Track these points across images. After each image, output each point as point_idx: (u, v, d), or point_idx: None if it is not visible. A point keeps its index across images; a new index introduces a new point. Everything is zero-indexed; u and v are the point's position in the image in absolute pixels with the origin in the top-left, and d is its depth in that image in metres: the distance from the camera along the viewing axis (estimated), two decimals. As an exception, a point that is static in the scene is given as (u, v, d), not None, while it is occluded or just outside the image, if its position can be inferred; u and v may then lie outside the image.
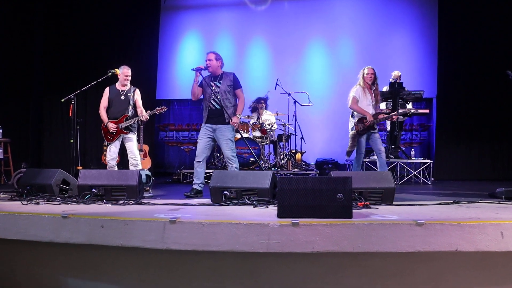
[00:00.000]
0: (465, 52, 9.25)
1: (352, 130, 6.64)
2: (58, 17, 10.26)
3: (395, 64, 9.74)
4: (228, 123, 5.57)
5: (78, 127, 5.83)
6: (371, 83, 6.60)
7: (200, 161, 5.62)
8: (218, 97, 5.56)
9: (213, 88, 5.61)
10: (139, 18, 10.23)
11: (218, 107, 5.57)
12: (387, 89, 8.63)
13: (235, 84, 5.70)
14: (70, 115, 5.64)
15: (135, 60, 6.41)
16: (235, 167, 5.55)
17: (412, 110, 7.40)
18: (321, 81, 10.59)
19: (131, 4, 10.17)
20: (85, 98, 9.79)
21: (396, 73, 8.74)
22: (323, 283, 3.40)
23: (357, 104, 6.50)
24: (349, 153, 6.74)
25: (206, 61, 5.67)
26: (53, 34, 10.22)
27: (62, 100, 5.78)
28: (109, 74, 6.08)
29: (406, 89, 8.44)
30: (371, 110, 6.51)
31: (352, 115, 6.68)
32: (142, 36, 10.25)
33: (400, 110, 6.60)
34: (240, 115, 5.72)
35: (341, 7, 10.78)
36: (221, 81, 5.65)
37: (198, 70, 5.59)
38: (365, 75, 6.60)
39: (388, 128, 8.89)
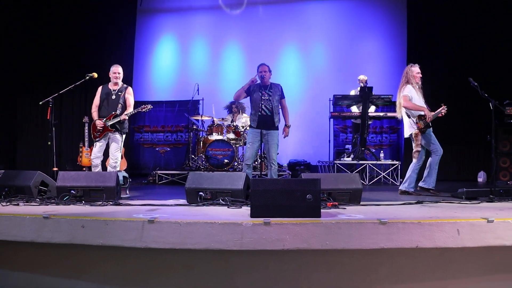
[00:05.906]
0: (433, 57, 9.53)
1: (415, 129, 6.18)
2: (33, 16, 10.22)
3: (365, 68, 10.03)
4: (277, 128, 6.31)
5: (54, 129, 5.87)
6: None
7: (249, 164, 6.29)
8: (271, 105, 6.21)
9: (265, 96, 6.22)
10: (116, 20, 10.29)
11: (269, 114, 6.21)
12: (355, 93, 8.93)
13: (282, 94, 6.43)
14: (48, 118, 5.69)
15: (110, 62, 6.46)
16: (275, 169, 6.34)
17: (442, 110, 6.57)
18: (294, 84, 10.77)
19: (108, 6, 10.20)
20: (60, 100, 9.77)
21: (362, 77, 8.99)
22: (294, 279, 3.59)
23: (411, 101, 6.14)
24: (416, 154, 6.32)
25: (260, 72, 6.24)
26: (27, 35, 10.17)
27: (40, 103, 5.83)
28: (87, 77, 6.10)
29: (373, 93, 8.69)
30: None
31: (409, 116, 6.25)
32: (118, 38, 10.31)
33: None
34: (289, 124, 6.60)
35: (314, 12, 11.06)
36: (271, 91, 6.27)
37: (252, 82, 6.19)
38: (415, 74, 6.24)
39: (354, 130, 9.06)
